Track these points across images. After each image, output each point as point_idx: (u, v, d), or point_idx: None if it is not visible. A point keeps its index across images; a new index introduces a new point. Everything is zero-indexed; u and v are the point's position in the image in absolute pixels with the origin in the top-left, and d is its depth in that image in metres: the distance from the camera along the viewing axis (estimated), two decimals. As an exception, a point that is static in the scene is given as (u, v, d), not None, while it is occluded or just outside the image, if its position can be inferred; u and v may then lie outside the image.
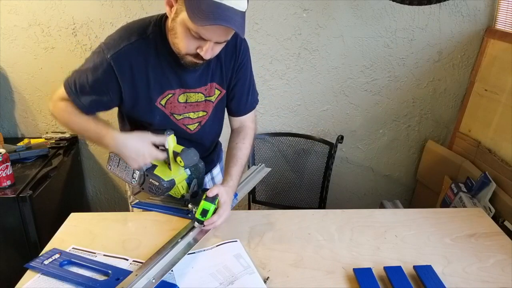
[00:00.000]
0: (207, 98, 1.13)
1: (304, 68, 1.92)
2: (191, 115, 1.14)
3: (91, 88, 1.02)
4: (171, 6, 0.92)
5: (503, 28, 1.75)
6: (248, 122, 1.26)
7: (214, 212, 1.06)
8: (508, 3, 1.72)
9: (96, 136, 1.04)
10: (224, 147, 2.10)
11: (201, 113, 1.16)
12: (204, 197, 1.07)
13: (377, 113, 2.03)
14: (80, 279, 0.93)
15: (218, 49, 0.96)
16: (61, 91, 1.06)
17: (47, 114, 1.99)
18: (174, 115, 1.12)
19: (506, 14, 1.73)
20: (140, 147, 1.02)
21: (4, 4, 1.75)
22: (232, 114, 1.25)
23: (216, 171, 1.40)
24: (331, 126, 2.05)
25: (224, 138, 2.04)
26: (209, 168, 1.35)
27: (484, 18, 1.82)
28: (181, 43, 0.94)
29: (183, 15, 0.88)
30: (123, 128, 1.20)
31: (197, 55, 0.95)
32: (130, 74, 1.00)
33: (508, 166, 1.59)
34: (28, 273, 0.97)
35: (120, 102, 1.06)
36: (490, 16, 1.81)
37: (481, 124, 1.80)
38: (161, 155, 1.05)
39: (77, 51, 1.86)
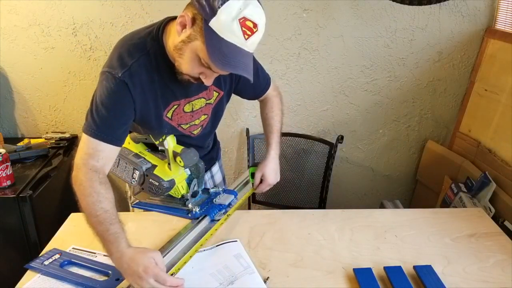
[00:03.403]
0: (208, 102, 1.15)
1: (304, 68, 1.92)
2: (196, 121, 1.16)
3: (114, 116, 0.96)
4: (183, 27, 0.90)
5: (503, 28, 1.75)
6: (270, 92, 1.30)
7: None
8: (508, 3, 1.72)
9: (102, 243, 0.90)
10: (224, 146, 2.10)
11: (203, 117, 1.17)
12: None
13: (377, 113, 2.02)
14: (80, 280, 0.94)
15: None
16: (84, 144, 0.96)
17: (47, 114, 1.99)
18: (182, 125, 1.13)
19: (506, 14, 1.73)
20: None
21: (4, 4, 1.75)
22: (254, 99, 1.31)
23: (215, 169, 1.41)
24: (331, 126, 2.05)
25: (223, 138, 2.05)
26: (208, 166, 1.36)
27: (484, 18, 1.81)
28: (187, 65, 0.93)
29: (197, 44, 0.88)
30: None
31: (197, 78, 0.96)
32: (141, 91, 0.98)
33: (508, 166, 1.59)
34: (28, 273, 0.97)
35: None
36: (490, 16, 1.81)
37: (481, 124, 1.80)
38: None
39: (77, 51, 1.86)
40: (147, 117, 1.04)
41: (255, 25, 0.87)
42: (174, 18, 0.99)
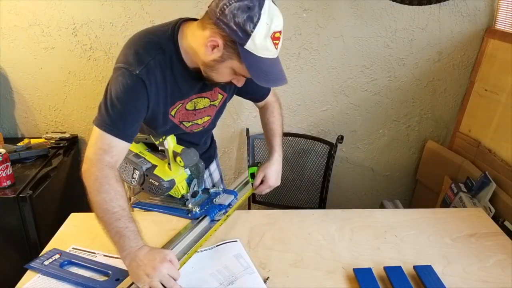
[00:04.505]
0: (212, 103, 1.15)
1: (304, 68, 1.92)
2: (199, 121, 1.17)
3: (129, 113, 0.95)
4: (213, 48, 0.92)
5: (503, 28, 1.75)
6: (270, 98, 1.32)
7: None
8: (508, 3, 1.72)
9: (113, 241, 0.90)
10: (224, 146, 2.10)
11: (206, 118, 1.18)
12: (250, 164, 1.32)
13: (377, 113, 2.02)
14: (80, 280, 0.94)
15: None
16: (98, 139, 0.94)
17: (47, 114, 1.99)
18: (184, 123, 1.13)
19: (506, 14, 1.73)
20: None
21: (4, 4, 1.75)
22: (255, 102, 1.33)
23: (213, 167, 1.42)
24: (331, 126, 2.05)
25: (223, 138, 2.05)
26: (207, 164, 1.37)
27: (484, 18, 1.81)
28: (221, 78, 0.99)
29: (233, 63, 0.93)
30: None
31: (228, 82, 1.01)
32: (155, 89, 0.98)
33: (508, 166, 1.59)
34: (28, 273, 0.97)
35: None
36: (490, 16, 1.81)
37: (481, 124, 1.80)
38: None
39: (77, 51, 1.86)
40: (156, 115, 1.04)
41: (280, 32, 0.92)
42: (188, 19, 1.01)
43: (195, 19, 1.01)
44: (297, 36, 1.85)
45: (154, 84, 0.97)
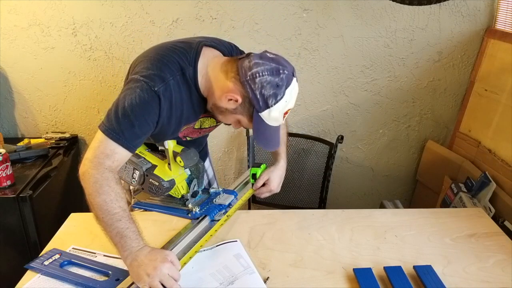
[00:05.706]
0: (217, 123, 1.19)
1: (304, 68, 1.92)
2: (200, 136, 1.21)
3: (139, 125, 0.95)
4: (230, 100, 0.98)
5: (503, 28, 1.75)
6: None
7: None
8: (508, 3, 1.72)
9: (113, 242, 0.90)
10: (224, 146, 2.10)
11: (207, 132, 1.23)
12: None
13: (377, 113, 2.02)
14: (80, 280, 0.94)
15: None
16: (102, 144, 0.93)
17: (47, 114, 1.99)
18: (187, 137, 1.16)
19: (506, 14, 1.73)
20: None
21: (4, 4, 1.75)
22: None
23: (207, 164, 1.43)
24: (331, 126, 2.05)
25: (223, 138, 2.04)
26: (203, 161, 1.38)
27: (484, 18, 1.81)
28: (224, 120, 1.07)
29: (242, 118, 1.01)
30: None
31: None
32: (168, 108, 0.98)
33: (508, 166, 1.59)
34: (28, 273, 0.97)
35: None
36: (490, 16, 1.81)
37: (481, 124, 1.80)
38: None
39: (77, 51, 1.86)
40: (166, 131, 1.04)
41: (291, 108, 1.00)
42: (208, 44, 1.04)
43: (215, 46, 1.05)
44: (297, 36, 1.85)
45: (169, 103, 0.98)
